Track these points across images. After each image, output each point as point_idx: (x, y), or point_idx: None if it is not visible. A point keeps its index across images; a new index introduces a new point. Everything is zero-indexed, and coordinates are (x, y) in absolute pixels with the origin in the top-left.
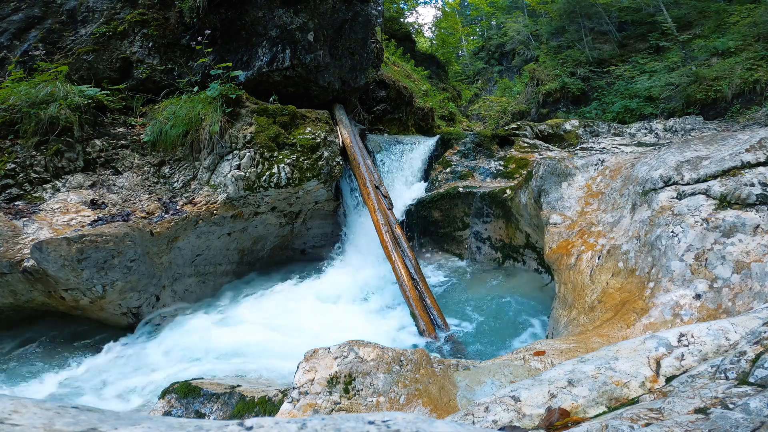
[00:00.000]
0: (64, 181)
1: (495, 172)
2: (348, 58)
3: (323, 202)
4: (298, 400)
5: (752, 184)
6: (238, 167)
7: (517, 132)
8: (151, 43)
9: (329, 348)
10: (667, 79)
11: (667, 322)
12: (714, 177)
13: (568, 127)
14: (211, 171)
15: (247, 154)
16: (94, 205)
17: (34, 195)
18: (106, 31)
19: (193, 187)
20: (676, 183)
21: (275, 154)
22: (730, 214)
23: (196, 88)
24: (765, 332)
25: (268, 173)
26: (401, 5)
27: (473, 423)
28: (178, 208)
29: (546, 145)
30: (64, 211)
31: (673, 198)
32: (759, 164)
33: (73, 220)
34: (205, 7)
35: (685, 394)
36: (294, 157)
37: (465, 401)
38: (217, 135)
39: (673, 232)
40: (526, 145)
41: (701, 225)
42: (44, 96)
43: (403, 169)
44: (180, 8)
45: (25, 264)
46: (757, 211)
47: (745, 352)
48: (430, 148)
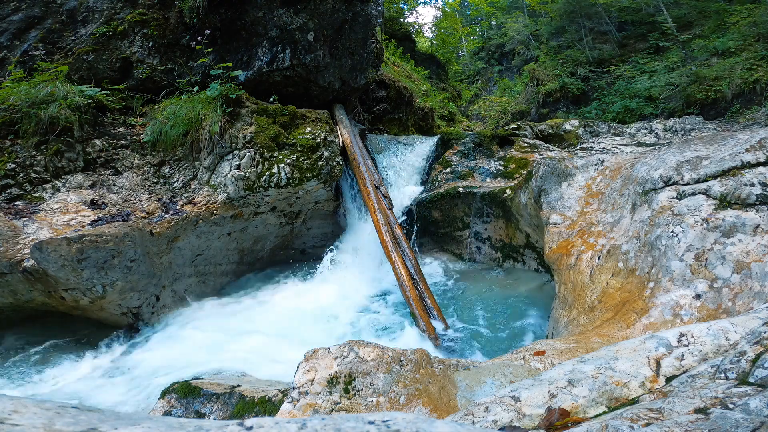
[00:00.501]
0: (64, 181)
1: (495, 172)
2: (348, 58)
3: (323, 202)
4: (298, 400)
5: (752, 184)
6: (238, 167)
7: (517, 132)
8: (151, 43)
9: (329, 348)
10: (667, 79)
11: (667, 322)
12: (714, 177)
13: (568, 127)
14: (211, 171)
15: (247, 154)
16: (94, 205)
17: (34, 195)
18: (106, 31)
19: (193, 187)
20: (676, 183)
21: (275, 154)
22: (730, 214)
23: (196, 88)
24: (765, 332)
25: (268, 173)
26: (401, 5)
27: (473, 423)
28: (178, 208)
29: (546, 145)
30: (64, 211)
31: (673, 198)
32: (759, 164)
33: (73, 220)
34: (205, 7)
35: (685, 394)
36: (294, 157)
37: (465, 401)
38: (217, 135)
39: (673, 232)
40: (526, 145)
41: (701, 225)
42: (44, 96)
43: (403, 169)
44: (180, 8)
45: (25, 264)
46: (757, 211)
47: (745, 352)
48: (430, 148)
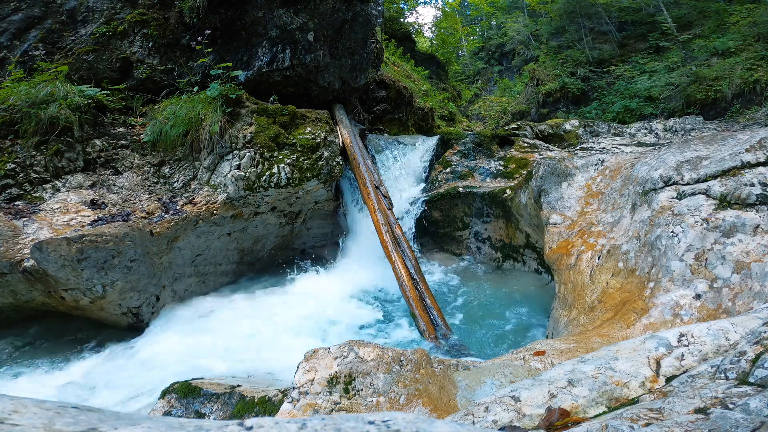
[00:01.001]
0: (64, 181)
1: (495, 172)
2: (348, 58)
3: (323, 202)
4: (298, 400)
5: (752, 184)
6: (238, 167)
7: (517, 132)
8: (151, 43)
9: (329, 348)
10: (667, 79)
11: (667, 322)
12: (714, 177)
13: (568, 127)
14: (211, 171)
15: (247, 154)
16: (94, 205)
17: (34, 195)
18: (106, 31)
19: (193, 187)
20: (676, 183)
21: (275, 154)
22: (730, 214)
23: (196, 88)
24: (765, 332)
25: (268, 173)
26: (401, 5)
27: (473, 423)
28: (178, 208)
29: (546, 145)
30: (64, 211)
31: (673, 198)
32: (759, 164)
33: (73, 220)
34: (205, 7)
35: (685, 394)
36: (294, 157)
37: (465, 401)
38: (217, 135)
39: (673, 232)
40: (526, 145)
41: (701, 225)
42: (44, 96)
43: (403, 169)
44: (180, 8)
45: (25, 264)
46: (757, 211)
47: (745, 352)
48: (430, 148)
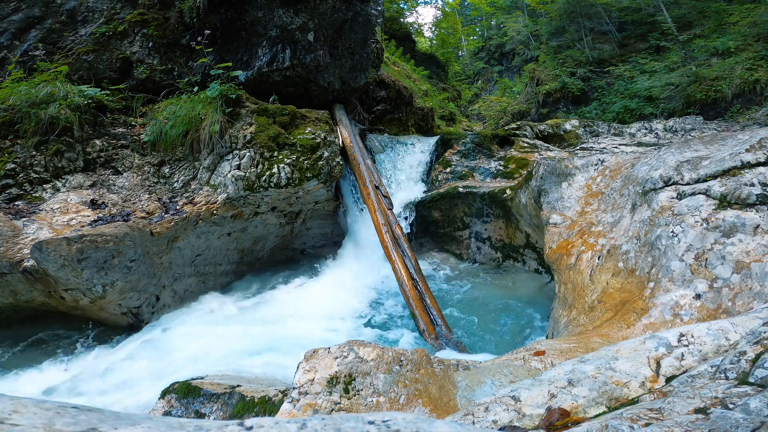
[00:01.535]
0: (64, 181)
1: (495, 172)
2: (348, 58)
3: (323, 202)
4: (298, 400)
5: (752, 184)
6: (238, 167)
7: (517, 132)
8: (151, 43)
9: (329, 348)
10: (667, 79)
11: (667, 322)
12: (714, 177)
13: (568, 127)
14: (211, 171)
15: (247, 154)
16: (94, 205)
17: (34, 195)
18: (106, 31)
19: (193, 187)
20: (676, 183)
21: (275, 154)
22: (730, 214)
23: (196, 88)
24: (765, 332)
25: (268, 173)
26: (401, 5)
27: (473, 423)
28: (178, 208)
29: (546, 145)
30: (64, 211)
31: (673, 198)
32: (759, 164)
33: (73, 220)
34: (205, 7)
35: (685, 394)
36: (294, 157)
37: (465, 401)
38: (217, 135)
39: (673, 232)
40: (526, 145)
41: (701, 225)
42: (44, 96)
43: (403, 169)
44: (180, 8)
45: (25, 264)
46: (757, 211)
47: (745, 352)
48: (430, 148)
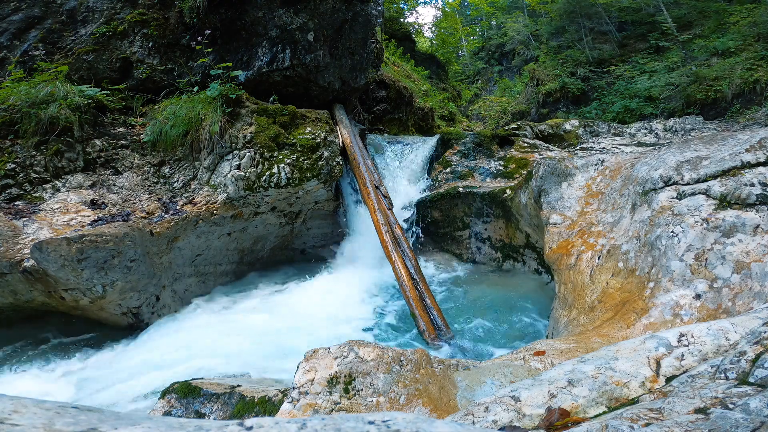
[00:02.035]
0: (64, 181)
1: (495, 172)
2: (348, 58)
3: (323, 202)
4: (298, 400)
5: (752, 184)
6: (238, 167)
7: (517, 132)
8: (151, 43)
9: (329, 348)
10: (667, 79)
11: (667, 322)
12: (714, 177)
13: (568, 127)
14: (211, 171)
15: (247, 154)
16: (94, 205)
17: (34, 195)
18: (106, 31)
19: (193, 187)
20: (676, 183)
21: (275, 154)
22: (730, 214)
23: (196, 88)
24: (765, 332)
25: (268, 173)
26: (401, 5)
27: (473, 423)
28: (178, 208)
29: (546, 145)
30: (64, 211)
31: (673, 198)
32: (759, 164)
33: (73, 220)
34: (205, 7)
35: (685, 394)
36: (294, 157)
37: (465, 401)
38: (217, 135)
39: (673, 232)
40: (526, 145)
41: (701, 225)
42: (44, 96)
43: (403, 169)
44: (180, 8)
45: (25, 264)
46: (757, 211)
47: (745, 352)
48: (430, 148)
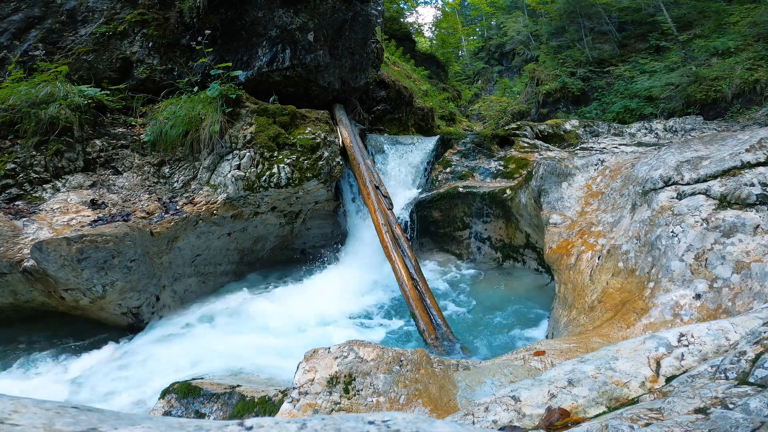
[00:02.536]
0: (64, 181)
1: (495, 172)
2: (348, 58)
3: (323, 202)
4: (298, 400)
5: (752, 184)
6: (238, 167)
7: (517, 132)
8: (151, 43)
9: (329, 348)
10: (667, 79)
11: (667, 322)
12: (714, 177)
13: (568, 127)
14: (211, 171)
15: (247, 154)
16: (94, 205)
17: (34, 195)
18: (106, 31)
19: (193, 187)
20: (676, 183)
21: (275, 154)
22: (730, 214)
23: (196, 88)
24: (765, 332)
25: (268, 173)
26: (401, 5)
27: (473, 423)
28: (178, 208)
29: (546, 145)
30: (64, 211)
31: (673, 198)
32: (759, 164)
33: (73, 220)
34: (205, 7)
35: (685, 394)
36: (294, 157)
37: (465, 401)
38: (217, 135)
39: (673, 232)
40: (526, 145)
41: (701, 225)
42: (44, 96)
43: (403, 169)
44: (180, 8)
45: (25, 264)
46: (757, 211)
47: (745, 352)
48: (430, 148)
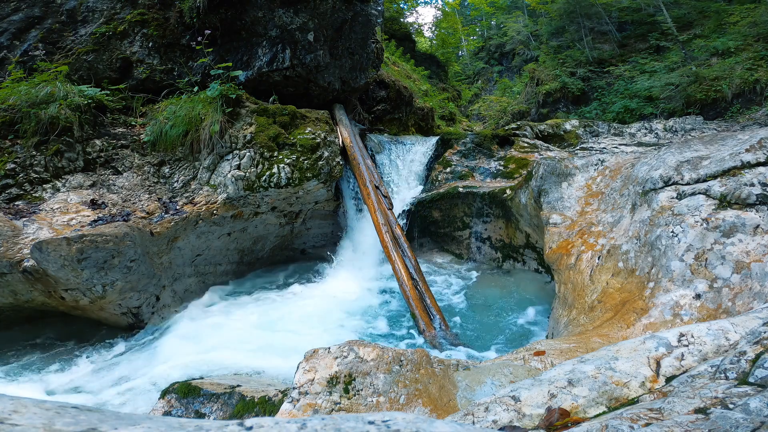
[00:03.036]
0: (64, 181)
1: (495, 172)
2: (348, 58)
3: (323, 202)
4: (298, 400)
5: (752, 184)
6: (238, 167)
7: (517, 132)
8: (151, 43)
9: (329, 348)
10: (667, 79)
11: (667, 322)
12: (714, 177)
13: (568, 127)
14: (211, 171)
15: (247, 154)
16: (94, 205)
17: (34, 195)
18: (106, 31)
19: (193, 187)
20: (676, 183)
21: (275, 154)
22: (730, 214)
23: (196, 88)
24: (765, 332)
25: (268, 173)
26: (401, 5)
27: (473, 423)
28: (178, 208)
29: (546, 145)
30: (64, 211)
31: (673, 198)
32: (759, 164)
33: (73, 220)
34: (205, 7)
35: (685, 394)
36: (294, 157)
37: (465, 401)
38: (217, 135)
39: (673, 232)
40: (526, 145)
41: (701, 225)
42: (44, 96)
43: (403, 169)
44: (180, 8)
45: (25, 264)
46: (757, 211)
47: (745, 352)
48: (430, 148)
